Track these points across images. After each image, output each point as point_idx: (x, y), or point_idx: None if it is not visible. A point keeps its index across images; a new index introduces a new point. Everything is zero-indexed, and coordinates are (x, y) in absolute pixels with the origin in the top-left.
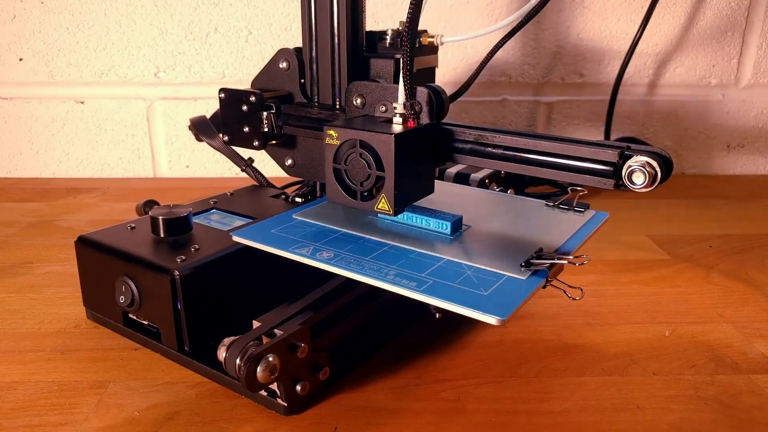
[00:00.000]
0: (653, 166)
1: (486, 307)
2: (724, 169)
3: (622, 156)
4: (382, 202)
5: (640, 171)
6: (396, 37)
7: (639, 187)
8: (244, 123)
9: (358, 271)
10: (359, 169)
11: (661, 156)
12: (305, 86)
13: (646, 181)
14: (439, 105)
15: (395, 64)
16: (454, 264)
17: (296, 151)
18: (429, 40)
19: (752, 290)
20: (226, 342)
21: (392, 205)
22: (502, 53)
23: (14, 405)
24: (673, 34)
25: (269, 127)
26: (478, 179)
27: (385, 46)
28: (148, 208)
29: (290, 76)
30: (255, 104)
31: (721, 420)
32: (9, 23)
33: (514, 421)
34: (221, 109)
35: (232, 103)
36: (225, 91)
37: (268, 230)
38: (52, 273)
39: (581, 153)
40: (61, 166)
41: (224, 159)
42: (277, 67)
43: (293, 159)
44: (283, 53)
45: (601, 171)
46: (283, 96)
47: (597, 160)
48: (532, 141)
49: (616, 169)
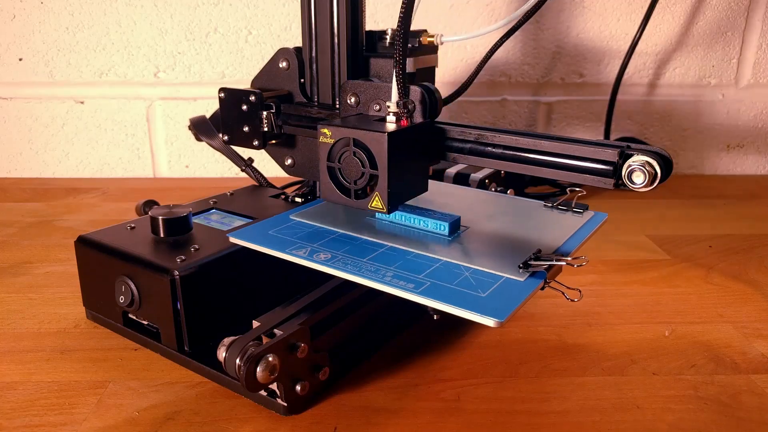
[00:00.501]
0: (653, 166)
1: (484, 308)
2: (723, 169)
3: (622, 155)
4: (376, 200)
5: (640, 170)
6: (395, 37)
7: (639, 187)
8: (244, 122)
9: (356, 272)
10: (353, 168)
11: (660, 155)
12: (305, 86)
13: (645, 181)
14: (432, 104)
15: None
16: (452, 265)
17: (296, 150)
18: (429, 39)
19: (752, 290)
20: (225, 342)
21: (386, 203)
22: (502, 53)
23: (14, 405)
24: (672, 34)
25: (269, 126)
26: (478, 179)
27: (384, 46)
28: (147, 208)
29: (290, 76)
30: (255, 104)
31: (721, 420)
32: (9, 23)
33: (514, 421)
34: (221, 109)
35: (232, 102)
36: (225, 90)
37: (266, 231)
38: (51, 273)
39: (581, 152)
40: (60, 166)
41: (224, 159)
42: (277, 67)
43: (293, 159)
44: (282, 53)
45: (601, 170)
46: (283, 96)
47: (597, 159)
48: (532, 140)
49: (615, 169)
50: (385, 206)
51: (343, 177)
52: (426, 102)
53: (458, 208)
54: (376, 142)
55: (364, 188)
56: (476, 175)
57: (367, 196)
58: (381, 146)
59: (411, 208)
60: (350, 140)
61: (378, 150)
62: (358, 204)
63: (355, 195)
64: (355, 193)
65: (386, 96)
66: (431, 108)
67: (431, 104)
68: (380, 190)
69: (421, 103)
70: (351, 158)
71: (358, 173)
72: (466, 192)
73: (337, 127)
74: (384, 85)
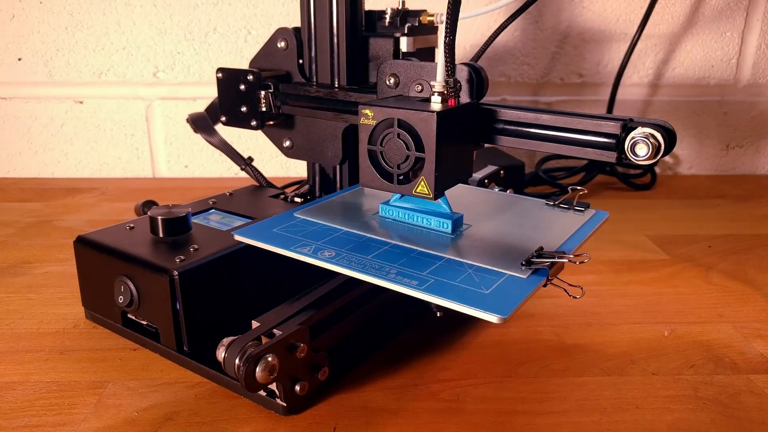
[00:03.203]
0: (656, 138)
1: (487, 305)
2: (723, 170)
3: (625, 128)
4: (422, 185)
5: (643, 142)
6: (395, 16)
7: (642, 159)
8: (242, 103)
9: (360, 269)
10: (396, 151)
11: (664, 128)
12: (303, 66)
13: (649, 153)
14: (479, 83)
15: (394, 43)
16: (455, 263)
17: (294, 131)
18: (429, 19)
19: (751, 290)
20: (225, 342)
21: (432, 188)
22: (502, 53)
23: (13, 405)
24: (672, 34)
25: (267, 106)
26: (477, 179)
27: (384, 26)
28: (147, 208)
29: (288, 56)
30: (253, 83)
31: (720, 420)
32: (8, 23)
33: (514, 421)
34: (219, 90)
35: (230, 82)
36: (222, 70)
37: (270, 229)
38: (50, 273)
39: (583, 126)
40: (60, 166)
41: (223, 159)
42: (276, 47)
43: (291, 140)
44: (281, 32)
45: (603, 144)
46: (281, 76)
47: (599, 132)
48: (533, 115)
49: (618, 142)
50: (431, 191)
51: (385, 161)
52: (473, 81)
53: (460, 206)
54: (423, 122)
55: (407, 173)
56: (476, 174)
57: (410, 182)
58: (429, 127)
59: (411, 208)
60: (394, 121)
61: (426, 131)
62: (401, 189)
63: (397, 180)
64: (397, 178)
65: (429, 75)
66: (478, 88)
67: (478, 83)
68: (426, 174)
69: (467, 82)
70: (395, 140)
71: (402, 156)
72: (468, 190)
73: (381, 107)
74: (427, 65)
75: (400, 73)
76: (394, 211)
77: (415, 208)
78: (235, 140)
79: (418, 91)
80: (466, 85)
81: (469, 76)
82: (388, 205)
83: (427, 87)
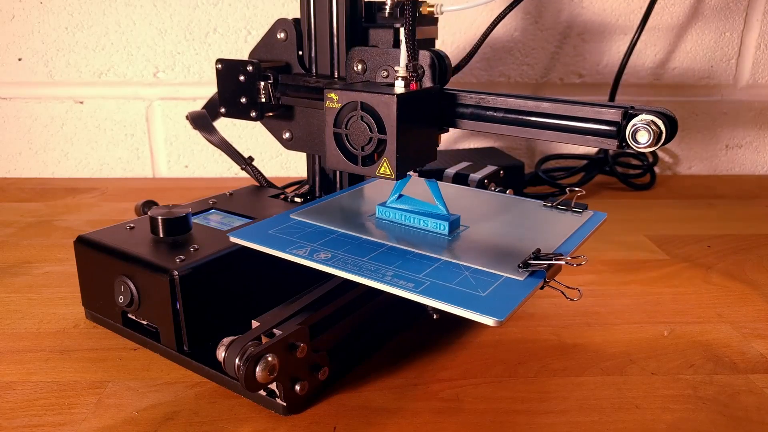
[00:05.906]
0: (658, 125)
1: (483, 308)
2: (722, 169)
3: (626, 115)
4: (384, 165)
5: (645, 129)
6: (395, 7)
7: (643, 146)
8: (242, 94)
9: (356, 272)
10: (360, 133)
11: (665, 115)
12: (303, 57)
13: (650, 140)
14: (442, 70)
15: (394, 33)
16: (451, 265)
17: (294, 123)
18: (429, 9)
19: (750, 290)
20: (225, 342)
21: (394, 168)
22: (502, 53)
23: (13, 405)
24: (671, 34)
25: (267, 97)
26: (477, 179)
27: (384, 16)
28: (147, 208)
29: (288, 47)
30: (252, 74)
31: (720, 420)
32: (8, 23)
33: (513, 421)
34: (218, 81)
35: (229, 73)
36: (222, 61)
37: (266, 231)
38: (51, 273)
39: (584, 113)
40: (60, 166)
41: (223, 159)
42: (275, 38)
43: (291, 132)
44: (281, 23)
45: (604, 131)
46: (281, 67)
47: (600, 120)
48: (534, 103)
49: (619, 129)
50: (393, 172)
51: (350, 143)
52: (435, 67)
53: (458, 207)
54: (384, 104)
55: (371, 154)
56: (475, 175)
57: (375, 163)
58: (390, 109)
59: (411, 207)
60: (358, 104)
61: (386, 113)
62: (365, 171)
63: (362, 161)
64: (362, 160)
65: (394, 62)
66: (440, 74)
67: (441, 70)
68: (388, 155)
69: (430, 67)
70: (358, 123)
71: (366, 138)
72: (465, 191)
73: (344, 90)
74: (392, 51)
75: (367, 59)
76: (391, 212)
77: (412, 210)
78: (236, 140)
79: (384, 77)
80: (428, 70)
81: (431, 62)
82: (384, 206)
83: (393, 73)
